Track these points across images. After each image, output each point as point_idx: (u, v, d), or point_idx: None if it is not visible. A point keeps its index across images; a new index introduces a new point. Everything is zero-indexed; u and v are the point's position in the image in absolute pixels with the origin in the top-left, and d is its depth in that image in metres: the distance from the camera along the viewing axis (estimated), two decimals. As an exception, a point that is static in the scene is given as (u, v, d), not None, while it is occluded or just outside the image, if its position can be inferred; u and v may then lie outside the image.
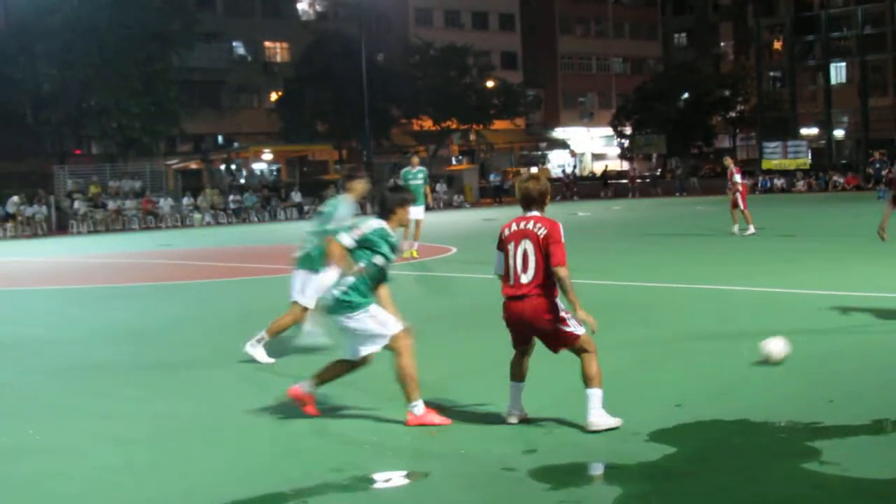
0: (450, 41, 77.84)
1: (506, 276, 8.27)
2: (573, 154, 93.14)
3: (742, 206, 28.67)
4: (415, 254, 25.02)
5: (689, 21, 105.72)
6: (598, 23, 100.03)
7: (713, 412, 8.59)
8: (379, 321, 8.56)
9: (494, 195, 69.24)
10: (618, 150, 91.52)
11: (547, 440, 8.00)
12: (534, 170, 52.16)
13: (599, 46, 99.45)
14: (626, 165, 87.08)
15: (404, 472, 7.52)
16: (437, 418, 8.53)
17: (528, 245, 8.13)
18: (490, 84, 79.16)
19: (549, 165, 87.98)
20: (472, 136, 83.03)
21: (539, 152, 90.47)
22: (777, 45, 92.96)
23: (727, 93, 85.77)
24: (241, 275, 24.63)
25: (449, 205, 63.98)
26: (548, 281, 8.11)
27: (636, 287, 18.07)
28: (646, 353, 11.46)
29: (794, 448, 7.56)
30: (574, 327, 8.09)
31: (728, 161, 30.88)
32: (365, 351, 8.63)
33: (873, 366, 10.27)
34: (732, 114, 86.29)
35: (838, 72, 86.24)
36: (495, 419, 8.56)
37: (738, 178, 28.93)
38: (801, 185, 65.83)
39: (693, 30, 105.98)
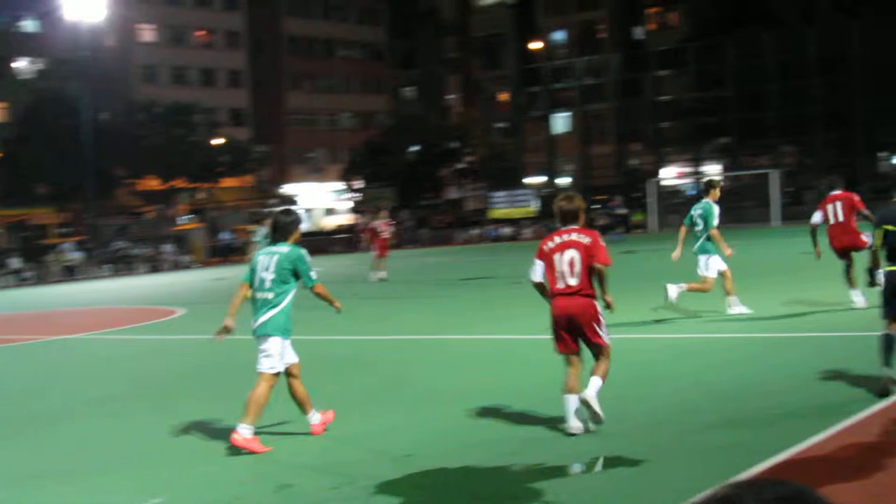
0: (176, 98, 76.44)
1: (552, 280, 9.72)
2: (305, 210, 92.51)
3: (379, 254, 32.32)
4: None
5: (416, 75, 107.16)
6: (326, 78, 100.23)
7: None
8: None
9: (224, 254, 67.99)
10: (349, 205, 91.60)
11: None
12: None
13: (328, 101, 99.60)
14: (357, 219, 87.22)
15: None
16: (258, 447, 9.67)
17: (574, 253, 9.62)
18: (217, 141, 78.08)
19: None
20: (201, 195, 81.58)
21: (268, 209, 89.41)
22: (502, 96, 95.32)
23: (455, 144, 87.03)
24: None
25: (177, 265, 62.43)
26: (591, 283, 9.64)
27: (365, 340, 18.05)
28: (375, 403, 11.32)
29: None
30: (605, 336, 9.67)
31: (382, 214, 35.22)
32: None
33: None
34: (461, 165, 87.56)
35: (561, 121, 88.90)
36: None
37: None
38: (527, 232, 67.13)
39: (420, 83, 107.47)
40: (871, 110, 63.98)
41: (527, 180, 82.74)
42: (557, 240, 9.71)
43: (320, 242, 68.95)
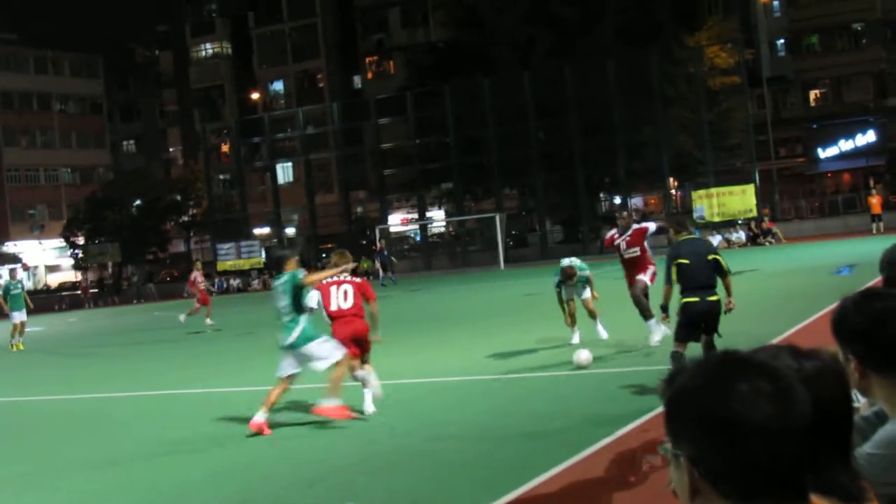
0: None
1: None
2: (26, 268, 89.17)
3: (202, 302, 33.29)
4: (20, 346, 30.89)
5: (137, 128, 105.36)
6: (44, 133, 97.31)
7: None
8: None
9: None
10: (72, 261, 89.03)
11: None
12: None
13: (47, 157, 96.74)
14: (80, 276, 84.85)
15: None
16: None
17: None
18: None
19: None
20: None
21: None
22: (225, 147, 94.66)
23: (178, 197, 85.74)
24: None
25: None
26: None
27: (93, 398, 17.74)
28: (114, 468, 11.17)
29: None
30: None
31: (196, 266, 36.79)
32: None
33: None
34: (185, 217, 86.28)
35: (285, 171, 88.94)
36: None
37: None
38: (256, 283, 66.82)
39: (141, 136, 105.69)
40: (589, 151, 66.04)
41: (254, 231, 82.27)
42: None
43: (45, 301, 66.78)
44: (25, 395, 19.33)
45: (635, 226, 16.51)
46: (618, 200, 70.08)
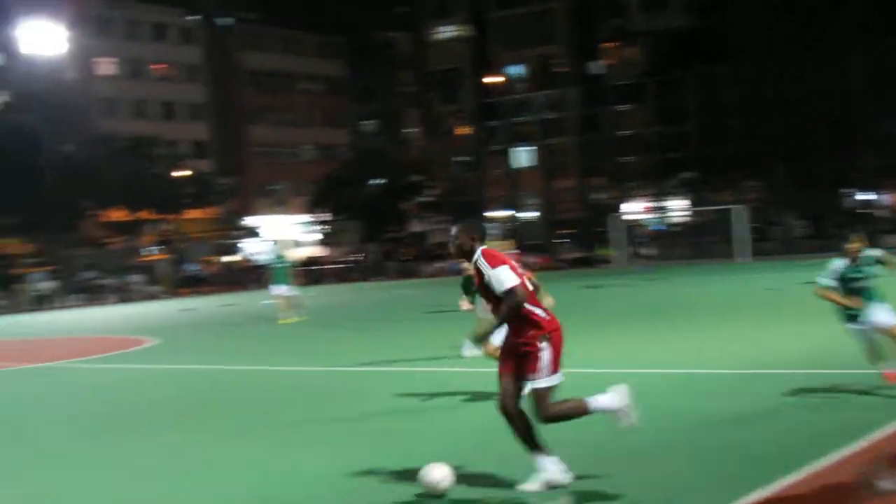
0: (136, 131, 76.66)
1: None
2: (273, 242, 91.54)
3: None
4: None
5: (375, 108, 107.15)
6: (286, 111, 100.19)
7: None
8: None
9: (192, 284, 68.16)
10: (314, 237, 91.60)
11: None
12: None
13: (288, 135, 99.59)
14: (324, 252, 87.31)
15: None
16: None
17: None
18: (181, 174, 78.20)
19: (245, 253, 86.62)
20: (167, 226, 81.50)
21: (235, 241, 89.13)
22: (462, 130, 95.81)
23: (418, 178, 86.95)
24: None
25: (146, 296, 62.56)
26: None
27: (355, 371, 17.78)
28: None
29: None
30: None
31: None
32: None
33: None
34: (422, 198, 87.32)
35: (522, 155, 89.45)
36: None
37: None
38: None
39: (379, 116, 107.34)
40: (832, 144, 63.90)
41: (489, 213, 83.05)
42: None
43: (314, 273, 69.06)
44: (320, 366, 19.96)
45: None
46: (864, 196, 67.94)
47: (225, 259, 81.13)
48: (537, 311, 8.25)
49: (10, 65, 77.11)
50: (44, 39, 75.67)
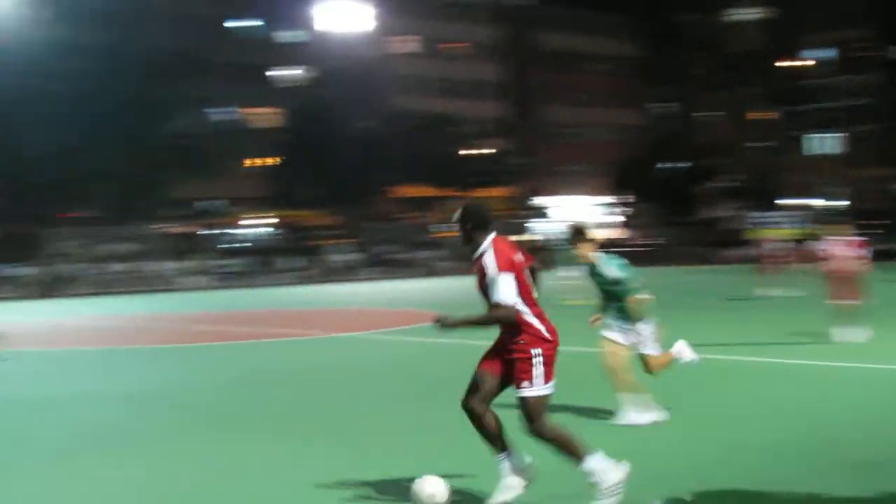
0: (434, 109, 77.66)
1: None
2: (565, 223, 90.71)
3: None
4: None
5: (667, 90, 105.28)
6: (578, 91, 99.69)
7: None
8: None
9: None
10: (615, 219, 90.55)
11: None
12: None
13: (580, 115, 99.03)
14: (627, 234, 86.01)
15: None
16: None
17: None
18: (475, 152, 78.88)
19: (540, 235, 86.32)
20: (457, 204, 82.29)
21: (530, 221, 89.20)
22: (757, 114, 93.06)
23: (719, 162, 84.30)
24: (241, 338, 24.48)
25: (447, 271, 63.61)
26: None
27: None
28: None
29: None
30: None
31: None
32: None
33: None
34: (724, 183, 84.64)
35: (823, 142, 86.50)
36: None
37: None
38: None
39: (672, 98, 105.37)
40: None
41: (787, 201, 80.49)
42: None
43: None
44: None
45: None
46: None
47: (514, 239, 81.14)
48: (536, 323, 7.64)
49: (315, 41, 79.55)
50: (348, 17, 77.78)
